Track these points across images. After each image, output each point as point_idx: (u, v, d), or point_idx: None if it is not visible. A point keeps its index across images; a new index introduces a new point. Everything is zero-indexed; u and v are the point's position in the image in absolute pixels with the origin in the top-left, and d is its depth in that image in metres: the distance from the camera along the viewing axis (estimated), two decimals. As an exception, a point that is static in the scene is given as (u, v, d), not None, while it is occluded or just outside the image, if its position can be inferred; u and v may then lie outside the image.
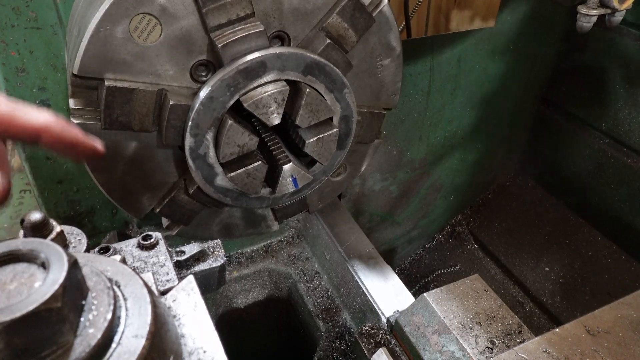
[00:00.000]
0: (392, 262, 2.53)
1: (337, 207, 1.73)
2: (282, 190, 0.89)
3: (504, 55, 2.00)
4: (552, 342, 1.01)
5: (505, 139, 2.43)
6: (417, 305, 1.21)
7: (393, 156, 2.04)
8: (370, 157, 1.08)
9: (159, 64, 0.75)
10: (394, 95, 1.00)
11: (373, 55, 0.92)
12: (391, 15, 0.89)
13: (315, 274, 1.72)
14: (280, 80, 0.79)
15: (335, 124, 0.88)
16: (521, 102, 2.29)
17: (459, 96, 2.02)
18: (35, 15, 1.04)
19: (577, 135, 2.24)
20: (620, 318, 1.07)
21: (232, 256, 1.77)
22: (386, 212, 2.26)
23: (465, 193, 2.52)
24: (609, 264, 2.20)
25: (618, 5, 1.35)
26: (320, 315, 1.59)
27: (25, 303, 0.39)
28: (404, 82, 1.77)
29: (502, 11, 1.82)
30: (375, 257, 1.53)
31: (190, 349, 0.57)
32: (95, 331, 0.43)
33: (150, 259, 0.97)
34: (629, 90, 1.97)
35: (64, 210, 1.34)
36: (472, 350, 1.08)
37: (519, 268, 2.39)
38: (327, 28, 0.83)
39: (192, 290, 0.65)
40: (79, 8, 0.82)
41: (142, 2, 0.70)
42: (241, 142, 0.79)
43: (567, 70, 2.20)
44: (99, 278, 0.47)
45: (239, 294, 1.77)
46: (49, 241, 0.46)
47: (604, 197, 2.19)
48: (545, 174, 2.50)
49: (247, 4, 0.74)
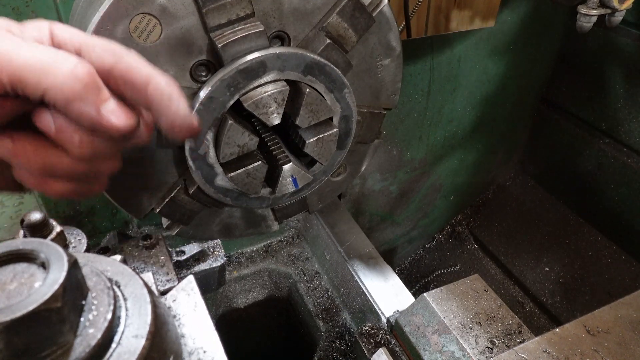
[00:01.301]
0: (392, 262, 2.53)
1: (337, 207, 1.73)
2: (282, 190, 0.89)
3: (504, 55, 2.00)
4: (552, 342, 1.01)
5: (505, 139, 2.43)
6: (417, 305, 1.21)
7: (393, 156, 2.04)
8: (370, 157, 1.08)
9: (159, 64, 0.75)
10: (394, 95, 1.00)
11: (373, 55, 0.92)
12: (391, 15, 0.89)
13: (315, 274, 1.72)
14: (280, 80, 0.79)
15: (335, 124, 0.88)
16: (521, 102, 2.29)
17: (459, 96, 2.02)
18: (35, 15, 1.04)
19: (577, 135, 2.24)
20: (620, 318, 1.07)
21: (232, 256, 1.77)
22: (386, 212, 2.26)
23: (465, 193, 2.52)
24: (609, 264, 2.20)
25: (618, 5, 1.35)
26: (320, 315, 1.59)
27: (25, 303, 0.39)
28: (404, 82, 1.77)
29: (502, 11, 1.82)
30: (375, 257, 1.53)
31: (190, 349, 0.57)
32: (95, 331, 0.43)
33: (150, 259, 0.97)
34: (628, 90, 1.97)
35: (63, 210, 1.34)
36: (472, 350, 1.08)
37: (519, 268, 2.39)
38: (327, 28, 0.83)
39: (192, 290, 0.65)
40: (79, 8, 0.82)
41: (142, 2, 0.70)
42: (241, 142, 0.79)
43: (567, 70, 2.20)
44: (99, 278, 0.47)
45: (239, 294, 1.77)
46: (49, 241, 0.46)
47: (604, 197, 2.19)
48: (545, 174, 2.50)
49: (247, 4, 0.74)
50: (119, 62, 0.51)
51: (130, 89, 0.52)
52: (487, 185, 2.63)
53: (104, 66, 0.51)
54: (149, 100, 0.52)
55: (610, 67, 2.00)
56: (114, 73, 0.51)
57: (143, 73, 0.52)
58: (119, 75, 0.51)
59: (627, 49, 1.91)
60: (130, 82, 0.51)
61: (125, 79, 0.51)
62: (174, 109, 0.53)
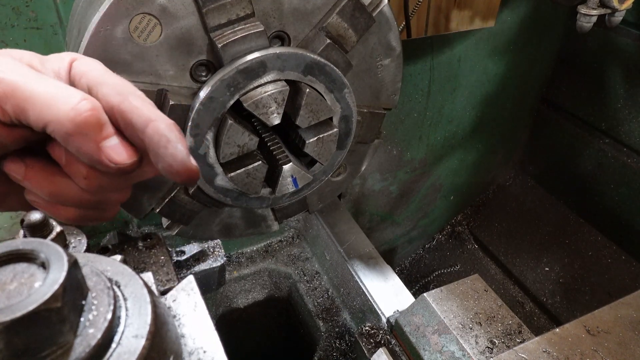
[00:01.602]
0: (392, 262, 2.53)
1: (337, 207, 1.73)
2: (282, 190, 0.89)
3: (504, 55, 2.00)
4: (552, 342, 1.01)
5: (505, 139, 2.43)
6: (417, 305, 1.21)
7: (393, 156, 2.04)
8: (370, 157, 1.08)
9: (159, 64, 0.75)
10: (394, 95, 1.00)
11: (373, 55, 0.92)
12: (391, 15, 0.89)
13: (315, 274, 1.72)
14: (280, 80, 0.79)
15: (335, 124, 0.88)
16: (521, 102, 2.29)
17: (459, 96, 2.02)
18: (35, 15, 1.04)
19: (577, 135, 2.24)
20: (620, 318, 1.07)
21: (232, 256, 1.77)
22: (386, 212, 2.26)
23: (465, 193, 2.52)
24: (609, 264, 2.20)
25: (618, 5, 1.35)
26: (320, 315, 1.59)
27: (25, 303, 0.39)
28: (404, 82, 1.77)
29: (502, 11, 1.82)
30: (375, 257, 1.53)
31: (190, 349, 0.57)
32: (95, 331, 0.43)
33: (150, 259, 0.97)
34: (628, 91, 1.97)
35: (64, 210, 1.34)
36: (472, 350, 1.08)
37: (519, 268, 2.39)
38: (327, 28, 0.83)
39: (192, 290, 0.65)
40: (79, 8, 0.82)
41: (142, 2, 0.70)
42: (241, 142, 0.79)
43: (567, 70, 2.20)
44: (99, 278, 0.47)
45: (239, 294, 1.77)
46: (49, 241, 0.46)
47: (604, 197, 2.19)
48: (545, 174, 2.50)
49: (247, 4, 0.74)
50: (122, 102, 0.52)
51: (129, 130, 0.53)
52: (487, 185, 2.63)
53: (107, 104, 0.52)
54: (146, 143, 0.53)
55: (610, 67, 2.00)
56: (115, 113, 0.52)
57: (143, 115, 0.52)
58: (120, 115, 0.52)
59: (627, 49, 1.91)
60: (129, 123, 0.52)
61: (126, 120, 0.52)
62: (171, 153, 0.53)
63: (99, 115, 0.50)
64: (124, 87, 0.54)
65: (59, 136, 0.49)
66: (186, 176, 0.55)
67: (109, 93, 0.53)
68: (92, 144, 0.50)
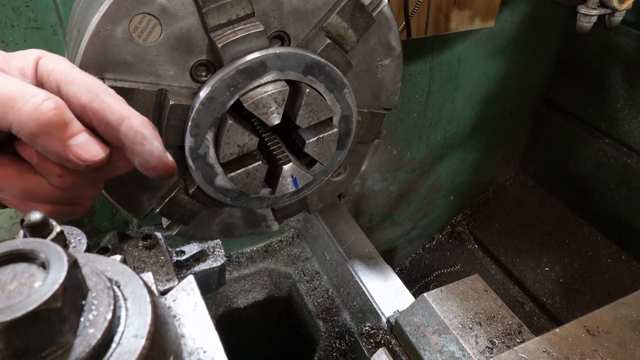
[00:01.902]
0: (392, 262, 2.53)
1: (337, 207, 1.73)
2: (282, 190, 0.89)
3: (504, 55, 2.00)
4: (552, 342, 1.01)
5: (505, 139, 2.43)
6: (417, 305, 1.21)
7: (393, 156, 2.04)
8: (370, 157, 1.08)
9: (159, 64, 0.75)
10: (394, 95, 1.00)
11: (373, 55, 0.92)
12: (391, 15, 0.89)
13: (315, 274, 1.72)
14: (280, 80, 0.79)
15: (335, 124, 0.88)
16: (521, 102, 2.29)
17: (459, 96, 2.02)
18: (35, 15, 1.04)
19: (577, 135, 2.24)
20: (620, 318, 1.07)
21: (232, 256, 1.77)
22: (386, 212, 2.26)
23: (465, 193, 2.52)
24: (609, 264, 2.20)
25: (618, 5, 1.35)
26: (320, 315, 1.59)
27: (25, 303, 0.39)
28: (404, 82, 1.77)
29: (502, 11, 1.82)
30: (375, 257, 1.53)
31: (190, 349, 0.57)
32: (95, 331, 0.43)
33: (150, 259, 0.97)
34: (628, 91, 1.97)
35: (64, 210, 1.34)
36: (472, 350, 1.08)
37: (519, 268, 2.39)
38: (327, 28, 0.83)
39: (192, 290, 0.65)
40: (79, 8, 0.82)
41: (142, 2, 0.70)
42: (241, 142, 0.79)
43: (567, 70, 2.21)
44: (99, 278, 0.47)
45: (239, 294, 1.77)
46: (49, 241, 0.46)
47: (604, 197, 2.19)
48: (545, 174, 2.50)
49: (247, 4, 0.74)
50: (94, 100, 0.52)
51: (103, 128, 0.53)
52: (487, 185, 2.63)
53: (78, 103, 0.52)
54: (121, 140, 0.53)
55: (610, 67, 2.00)
56: (87, 111, 0.52)
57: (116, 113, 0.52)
58: (92, 113, 0.52)
59: (627, 49, 1.91)
60: (103, 121, 0.52)
61: (99, 118, 0.52)
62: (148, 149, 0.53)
63: (63, 114, 0.49)
64: (94, 85, 0.53)
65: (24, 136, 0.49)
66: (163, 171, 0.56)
67: (79, 91, 0.52)
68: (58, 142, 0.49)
